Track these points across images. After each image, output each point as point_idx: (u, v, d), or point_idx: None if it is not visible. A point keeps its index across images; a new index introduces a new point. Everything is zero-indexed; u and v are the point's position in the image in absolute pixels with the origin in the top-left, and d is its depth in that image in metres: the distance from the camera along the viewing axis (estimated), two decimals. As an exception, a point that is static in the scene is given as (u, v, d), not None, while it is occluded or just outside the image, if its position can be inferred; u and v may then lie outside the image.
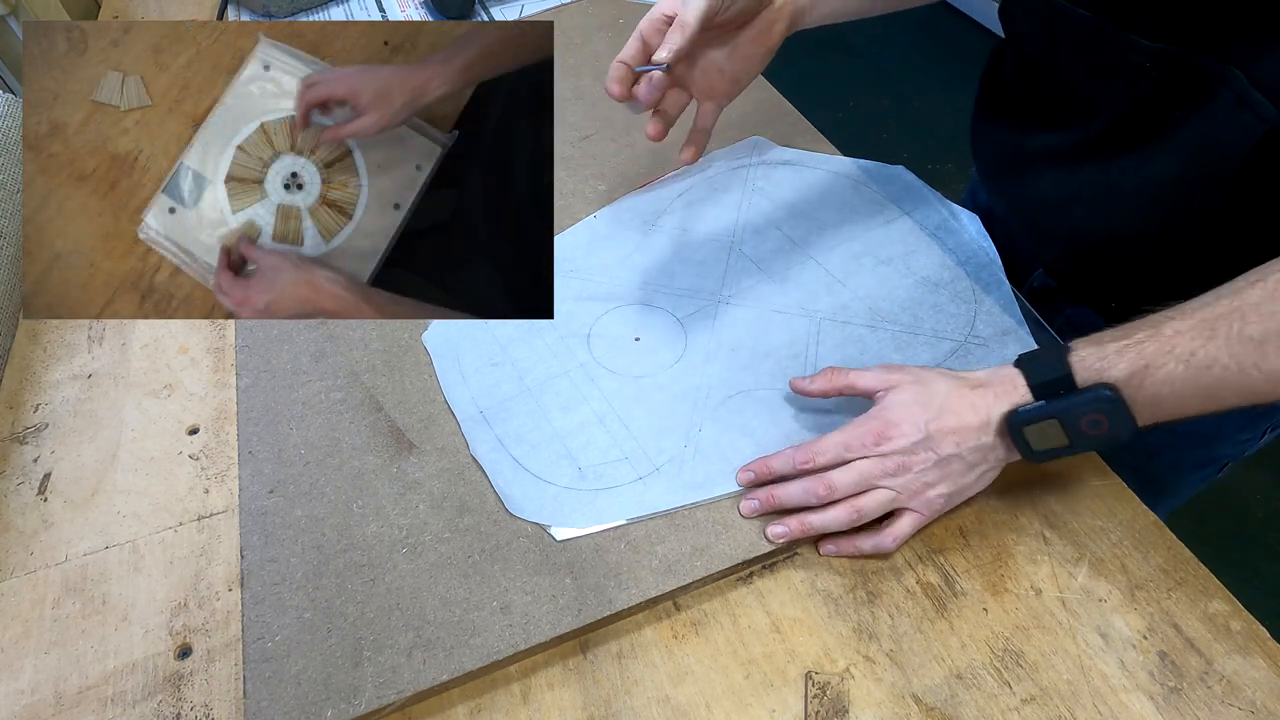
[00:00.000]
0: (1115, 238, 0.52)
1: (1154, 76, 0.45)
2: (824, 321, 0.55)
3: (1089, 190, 0.52)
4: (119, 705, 0.41)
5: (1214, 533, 1.25)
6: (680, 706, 0.40)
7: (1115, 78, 0.47)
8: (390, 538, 0.46)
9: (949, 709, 0.39)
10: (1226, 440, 0.60)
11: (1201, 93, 0.43)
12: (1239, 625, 0.41)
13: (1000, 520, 0.46)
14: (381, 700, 0.40)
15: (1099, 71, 0.48)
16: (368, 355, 0.55)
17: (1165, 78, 0.44)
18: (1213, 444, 0.60)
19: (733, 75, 0.53)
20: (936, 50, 2.27)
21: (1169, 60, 0.44)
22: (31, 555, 0.47)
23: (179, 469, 0.51)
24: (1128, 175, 0.49)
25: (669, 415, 0.50)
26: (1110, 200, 0.51)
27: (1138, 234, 0.50)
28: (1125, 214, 0.50)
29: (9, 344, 0.59)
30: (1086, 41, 0.47)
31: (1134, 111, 0.47)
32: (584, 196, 0.66)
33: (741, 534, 0.45)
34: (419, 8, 0.92)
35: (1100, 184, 0.51)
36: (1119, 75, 0.47)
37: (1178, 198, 0.47)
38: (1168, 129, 0.46)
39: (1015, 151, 0.58)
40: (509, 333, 0.56)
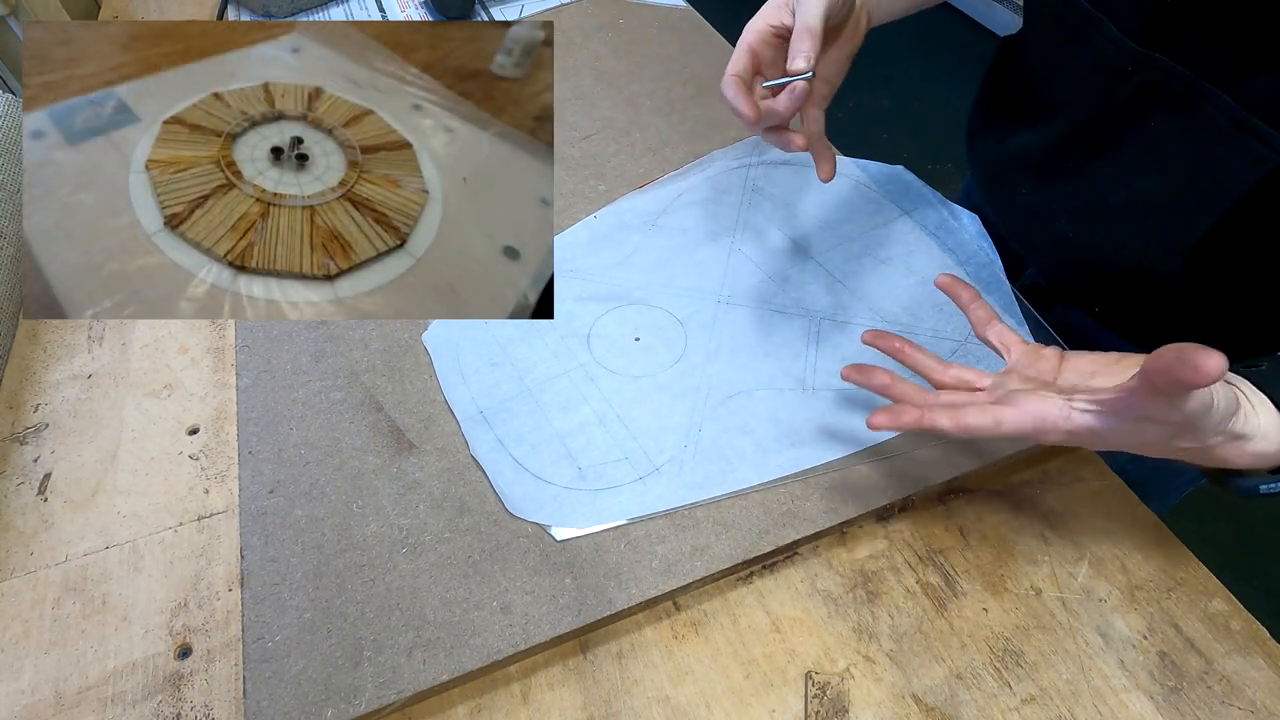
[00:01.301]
0: (1097, 252, 0.52)
1: (1133, 81, 0.45)
2: (824, 321, 0.55)
3: (1072, 204, 0.52)
4: (119, 705, 0.41)
5: (1214, 533, 1.25)
6: (680, 706, 0.40)
7: (1096, 77, 0.47)
8: (390, 538, 0.46)
9: (949, 709, 0.39)
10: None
11: (1180, 108, 0.43)
12: (1239, 625, 0.41)
13: (1000, 520, 0.46)
14: (381, 700, 0.40)
15: (1083, 69, 0.48)
16: (368, 355, 0.55)
17: (1144, 84, 0.44)
18: None
19: (829, 78, 0.51)
20: (936, 50, 2.27)
21: (1150, 66, 0.44)
22: (31, 555, 0.47)
23: (179, 469, 0.51)
24: (1113, 189, 0.49)
25: (669, 415, 0.50)
26: (1093, 215, 0.51)
27: (1117, 250, 0.50)
28: (1108, 229, 0.50)
29: (9, 344, 0.59)
30: (1081, 36, 0.47)
31: (1108, 115, 0.47)
32: (584, 196, 0.66)
33: (741, 534, 0.45)
34: (419, 8, 0.92)
35: (1083, 197, 0.51)
36: (1100, 75, 0.47)
37: (1164, 219, 0.47)
38: (1146, 141, 0.46)
39: (1000, 156, 0.58)
40: (509, 333, 0.56)
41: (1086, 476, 0.48)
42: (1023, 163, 0.55)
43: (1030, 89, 0.54)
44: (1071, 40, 0.48)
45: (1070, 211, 0.52)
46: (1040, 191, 0.54)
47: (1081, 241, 0.52)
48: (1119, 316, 0.57)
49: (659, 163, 0.68)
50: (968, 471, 0.47)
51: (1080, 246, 0.53)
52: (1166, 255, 0.47)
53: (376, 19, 0.91)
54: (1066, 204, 0.52)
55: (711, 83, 0.76)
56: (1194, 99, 0.42)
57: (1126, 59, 0.45)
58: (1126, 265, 0.50)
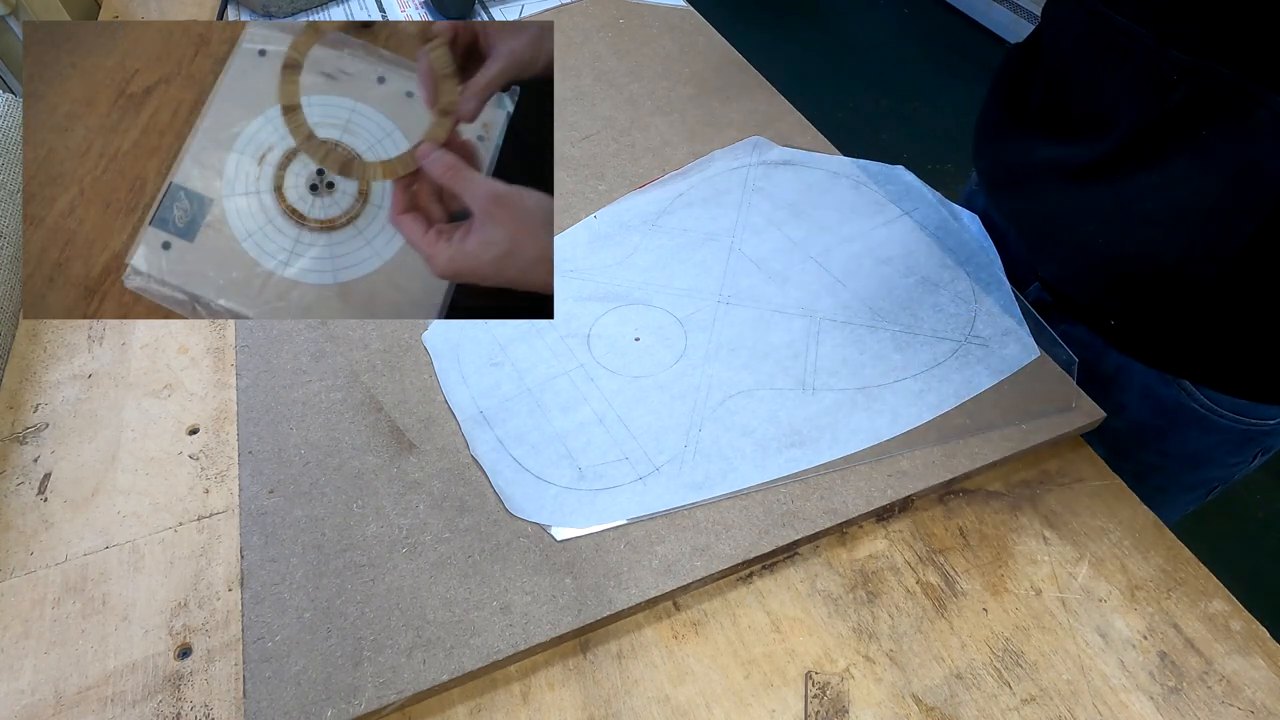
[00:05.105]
0: (1127, 259, 0.50)
1: (1181, 90, 0.44)
2: (824, 321, 0.55)
3: (1103, 209, 0.51)
4: (119, 705, 0.41)
5: (1214, 533, 1.25)
6: (680, 706, 0.40)
7: (1141, 90, 0.46)
8: (390, 538, 0.46)
9: (949, 709, 0.39)
10: (1216, 464, 0.59)
11: (1232, 113, 0.42)
12: (1239, 625, 0.41)
13: (1000, 520, 0.46)
14: (381, 700, 0.40)
15: (1126, 83, 0.47)
16: (368, 355, 0.55)
17: (1193, 92, 0.43)
18: (1202, 467, 0.60)
19: None
20: (936, 50, 2.27)
21: (1200, 75, 0.43)
22: (31, 555, 0.47)
23: (179, 469, 0.51)
24: (1151, 196, 0.48)
25: (669, 415, 0.50)
26: (1128, 221, 0.49)
27: (1152, 257, 0.49)
28: (1142, 235, 0.49)
29: (9, 344, 0.59)
30: (1120, 50, 0.46)
31: (1156, 127, 0.46)
32: (584, 196, 0.66)
33: (741, 534, 0.45)
34: (419, 8, 0.92)
35: (1117, 203, 0.50)
36: (1146, 88, 0.45)
37: (1205, 224, 0.46)
38: (1195, 149, 0.45)
39: (1021, 163, 0.57)
40: (509, 333, 0.56)
41: (1086, 476, 0.48)
42: (1051, 172, 0.54)
43: (1063, 104, 0.53)
44: (1109, 56, 0.47)
45: (1101, 218, 0.51)
46: (1069, 199, 0.53)
47: (1111, 248, 0.51)
48: (1134, 329, 0.55)
49: (659, 163, 0.68)
50: (968, 471, 0.47)
51: (1108, 253, 0.51)
52: (1205, 261, 0.47)
53: (377, 19, 0.91)
54: (1098, 210, 0.51)
55: (711, 83, 0.76)
56: (1246, 103, 0.42)
57: (1172, 69, 0.44)
58: (1159, 272, 0.49)
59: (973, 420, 0.49)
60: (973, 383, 0.50)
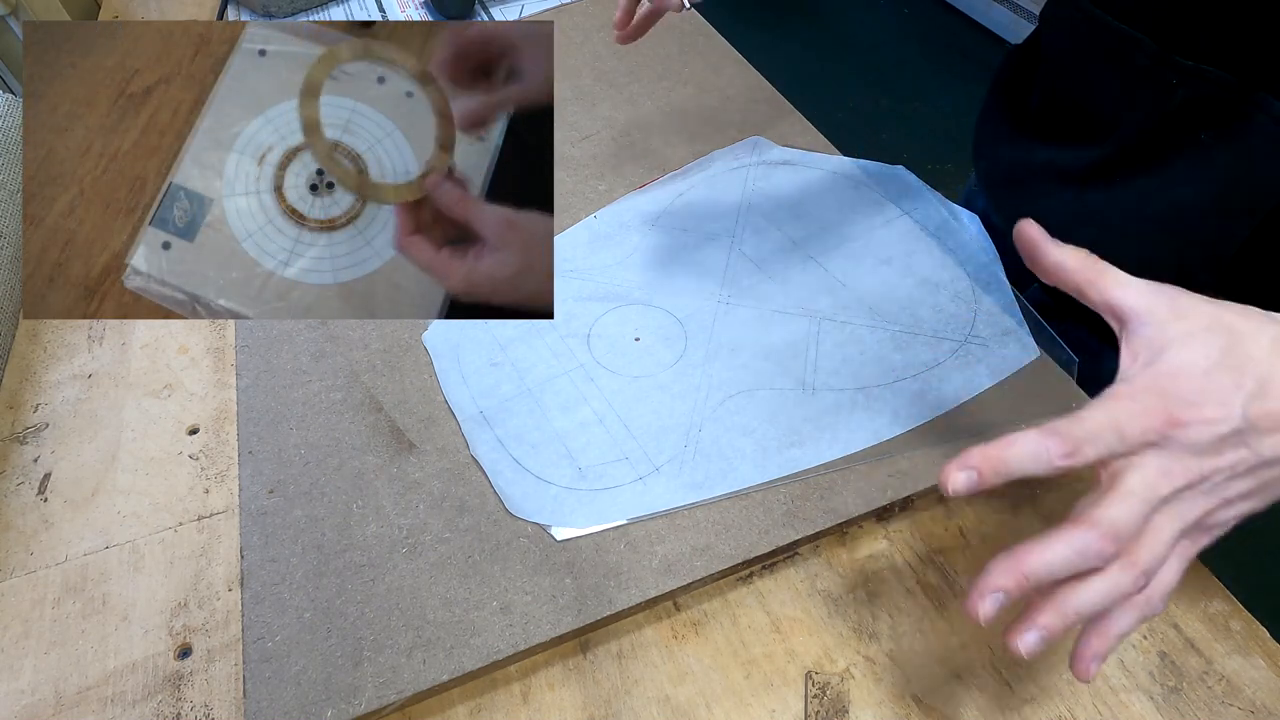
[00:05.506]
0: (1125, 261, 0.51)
1: (1180, 95, 0.44)
2: (824, 321, 0.55)
3: (1101, 211, 0.51)
4: (119, 705, 0.41)
5: (1214, 533, 1.25)
6: (680, 706, 0.40)
7: (1140, 95, 0.46)
8: (390, 538, 0.46)
9: (949, 709, 0.39)
10: None
11: (1230, 116, 0.43)
12: (1239, 625, 0.41)
13: (1000, 520, 0.46)
14: (381, 700, 0.40)
15: (1125, 88, 0.47)
16: (368, 355, 0.55)
17: (1192, 96, 0.43)
18: None
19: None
20: (936, 50, 2.27)
21: (1198, 80, 0.43)
22: (31, 555, 0.47)
23: (179, 469, 0.51)
24: (1149, 199, 0.48)
25: (669, 415, 0.50)
26: (1126, 223, 0.50)
27: (1150, 260, 0.49)
28: (1140, 238, 0.49)
29: (9, 344, 0.59)
30: (1118, 55, 0.46)
31: (1155, 131, 0.46)
32: (584, 196, 0.66)
33: (741, 534, 0.45)
34: (419, 8, 0.92)
35: (1115, 206, 0.50)
36: (1144, 92, 0.46)
37: (1203, 227, 0.46)
38: (1194, 153, 0.45)
39: (1021, 165, 0.57)
40: (509, 333, 0.56)
41: (1086, 476, 0.48)
42: (1051, 174, 0.54)
43: (1062, 107, 0.53)
44: (1108, 60, 0.47)
45: (1099, 220, 0.51)
46: (1068, 202, 0.53)
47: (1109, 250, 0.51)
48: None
49: (659, 163, 0.68)
50: (968, 471, 0.47)
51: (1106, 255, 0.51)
52: (1203, 264, 0.47)
53: (377, 19, 0.91)
54: (1098, 214, 0.51)
55: (711, 83, 0.76)
56: (1244, 107, 0.42)
57: (1172, 74, 0.44)
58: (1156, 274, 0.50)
59: (973, 420, 0.49)
60: (973, 383, 0.50)
